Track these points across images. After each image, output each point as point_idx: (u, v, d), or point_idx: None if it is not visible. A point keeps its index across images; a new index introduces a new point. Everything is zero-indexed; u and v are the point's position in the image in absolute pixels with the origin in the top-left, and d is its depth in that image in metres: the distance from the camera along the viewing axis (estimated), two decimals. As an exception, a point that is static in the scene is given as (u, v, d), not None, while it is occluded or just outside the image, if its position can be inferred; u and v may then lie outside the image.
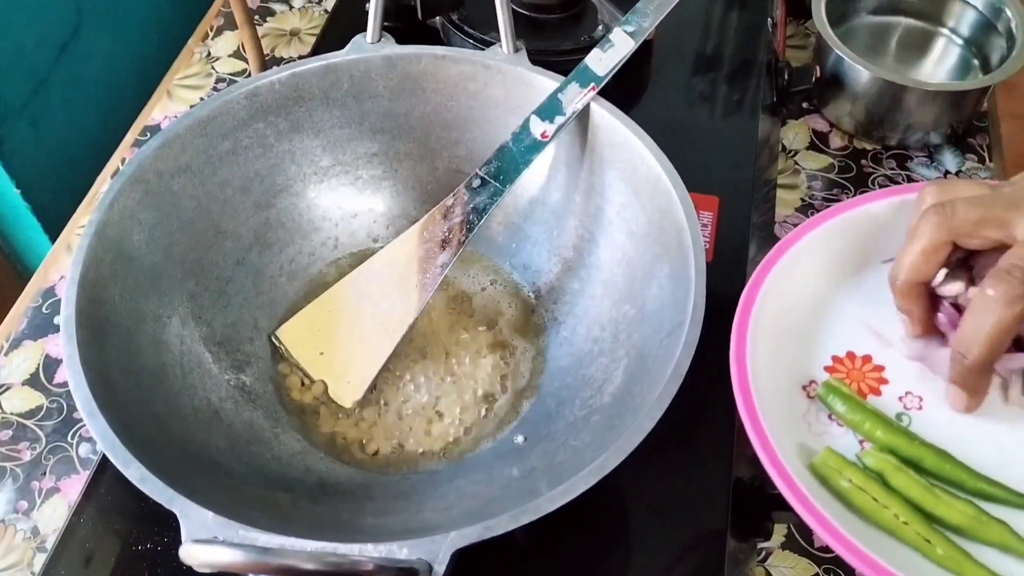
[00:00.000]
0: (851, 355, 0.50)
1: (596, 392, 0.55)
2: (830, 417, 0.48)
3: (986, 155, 0.76)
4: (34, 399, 0.64)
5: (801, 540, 0.57)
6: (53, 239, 0.82)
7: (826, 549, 0.56)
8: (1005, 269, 0.42)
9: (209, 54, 0.86)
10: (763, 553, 0.57)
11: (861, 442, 0.47)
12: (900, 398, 0.48)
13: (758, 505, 0.57)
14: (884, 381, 0.49)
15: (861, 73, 0.73)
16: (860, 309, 0.52)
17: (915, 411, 0.48)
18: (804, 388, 0.49)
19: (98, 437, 0.45)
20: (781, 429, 0.46)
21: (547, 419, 0.56)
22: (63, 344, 0.48)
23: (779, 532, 0.57)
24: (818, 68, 0.78)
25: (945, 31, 0.80)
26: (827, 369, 0.50)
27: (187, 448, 0.51)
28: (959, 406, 0.47)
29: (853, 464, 0.45)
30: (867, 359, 0.50)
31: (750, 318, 0.49)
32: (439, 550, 0.41)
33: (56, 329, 0.67)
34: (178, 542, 0.42)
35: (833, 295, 0.53)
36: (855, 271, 0.54)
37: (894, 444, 0.46)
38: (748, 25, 0.85)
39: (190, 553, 0.41)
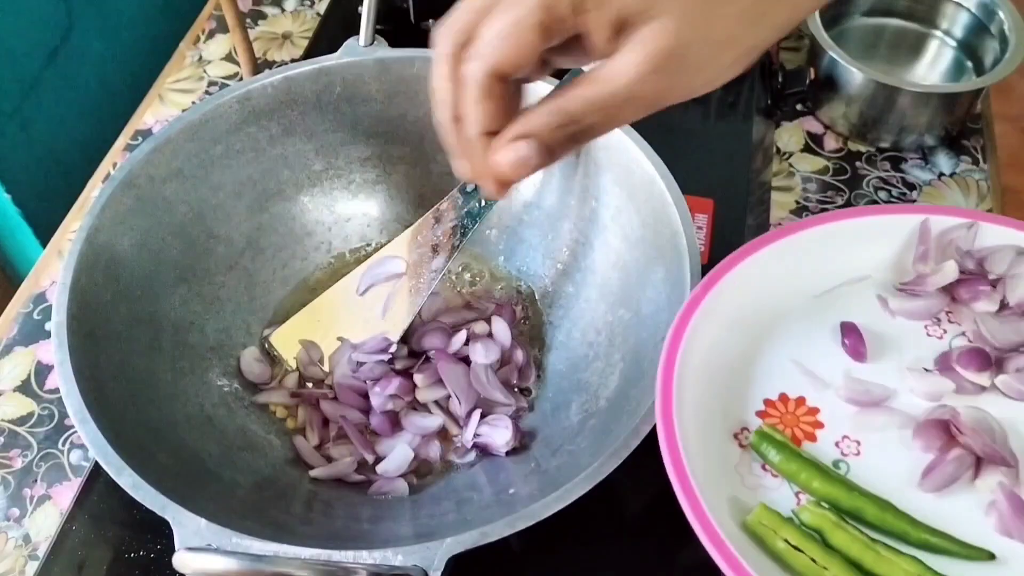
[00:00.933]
0: (784, 398, 0.47)
1: (592, 397, 0.55)
2: (764, 467, 0.45)
3: (980, 157, 0.76)
4: (25, 406, 0.63)
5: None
6: (44, 244, 0.82)
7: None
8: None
9: (201, 58, 0.86)
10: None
11: (797, 494, 0.44)
12: (837, 443, 0.45)
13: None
14: (819, 425, 0.46)
15: (855, 75, 0.73)
16: (791, 347, 0.49)
17: (853, 457, 0.45)
18: (736, 436, 0.46)
19: (90, 444, 0.45)
20: (712, 483, 0.42)
21: (543, 423, 0.56)
22: (54, 350, 0.48)
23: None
24: (812, 70, 0.78)
25: (939, 33, 0.80)
26: (759, 414, 0.46)
27: (180, 455, 0.50)
28: (463, 174, 0.41)
29: (789, 521, 0.42)
30: (800, 401, 0.47)
31: (676, 361, 0.45)
32: (434, 557, 0.41)
33: (47, 335, 0.66)
34: (171, 549, 0.42)
35: (763, 333, 0.49)
36: (784, 306, 0.50)
37: (832, 495, 0.43)
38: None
39: (183, 561, 0.40)
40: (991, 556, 0.42)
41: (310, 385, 0.59)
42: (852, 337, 0.49)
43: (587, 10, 0.35)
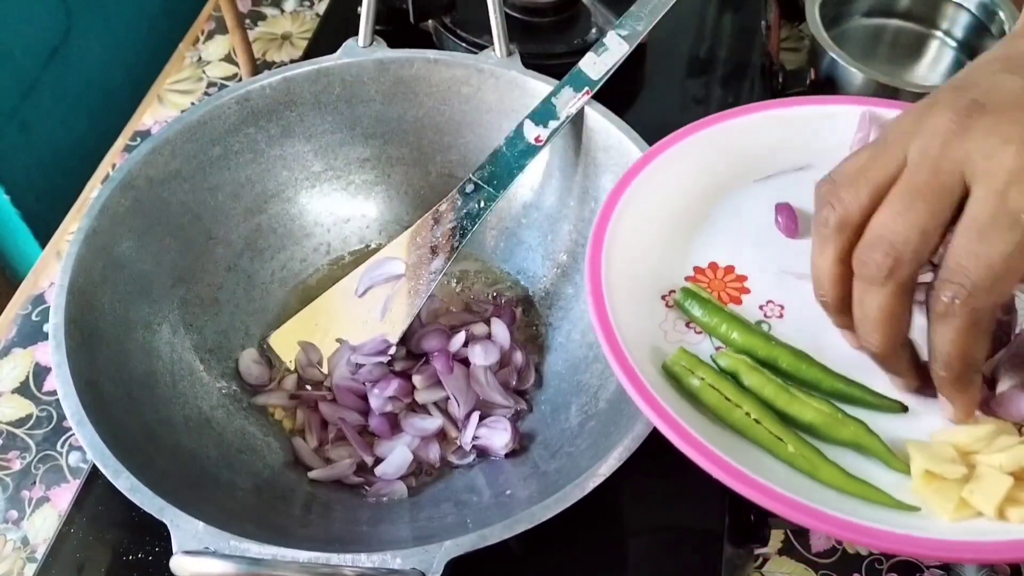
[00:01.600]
0: (713, 265, 0.48)
1: (591, 398, 0.54)
2: (688, 324, 0.46)
3: (981, 157, 0.76)
4: (24, 407, 0.63)
5: (798, 546, 0.57)
6: (43, 245, 0.82)
7: (824, 554, 0.56)
8: (865, 244, 0.36)
9: (200, 58, 0.86)
10: (760, 559, 0.56)
11: (717, 348, 0.45)
12: (761, 307, 0.47)
13: (755, 511, 0.56)
14: (745, 291, 0.47)
15: (855, 76, 0.72)
16: (727, 223, 0.50)
17: (775, 319, 0.46)
18: (664, 298, 0.47)
19: (87, 447, 0.44)
20: (634, 334, 0.43)
21: (543, 425, 0.56)
22: (52, 353, 0.48)
23: (776, 538, 0.57)
24: (812, 71, 0.78)
25: (939, 33, 0.80)
26: (688, 279, 0.48)
27: (178, 457, 0.50)
28: (948, 415, 0.41)
29: (706, 364, 0.43)
30: (729, 269, 0.48)
31: (609, 223, 0.47)
32: (433, 560, 0.41)
33: (46, 336, 0.66)
34: (170, 552, 0.42)
35: (700, 209, 0.50)
36: (724, 186, 0.51)
37: (751, 345, 0.44)
38: (742, 27, 0.85)
39: (180, 565, 0.40)
40: (903, 408, 0.42)
41: (309, 387, 0.59)
42: (785, 215, 0.49)
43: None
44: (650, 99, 0.79)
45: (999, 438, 0.39)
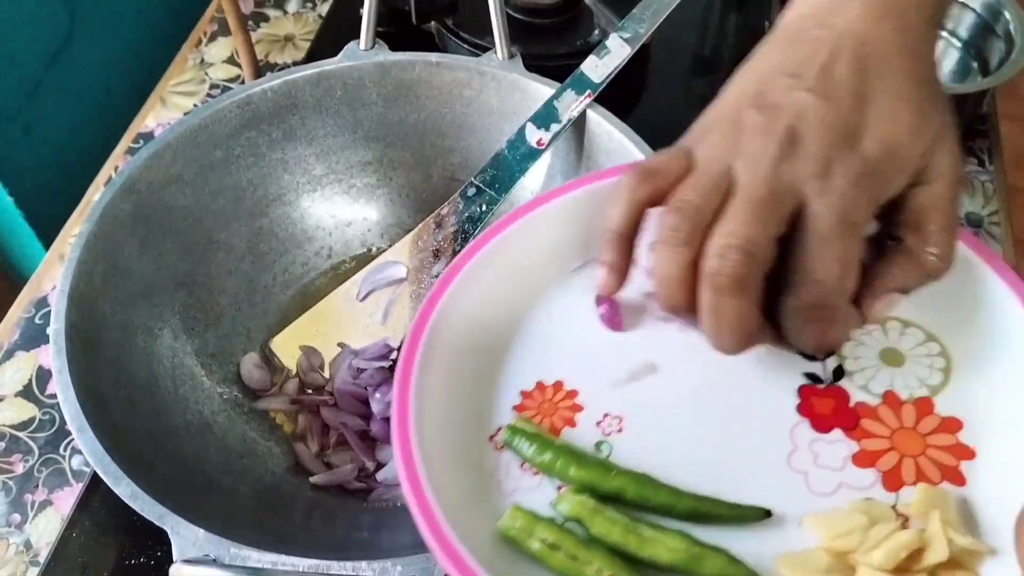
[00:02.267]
0: (540, 386, 0.42)
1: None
2: (523, 466, 0.40)
3: (986, 158, 0.75)
4: (27, 410, 0.63)
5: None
6: (47, 246, 0.82)
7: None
8: (715, 255, 0.36)
9: (203, 60, 0.85)
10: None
11: (559, 487, 0.39)
12: (598, 423, 0.41)
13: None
14: (579, 408, 0.41)
15: (859, 76, 0.72)
16: (548, 328, 0.44)
17: (615, 435, 0.40)
18: (492, 439, 0.41)
19: (88, 453, 0.45)
20: (464, 496, 0.38)
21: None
22: (53, 358, 0.48)
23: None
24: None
25: (944, 34, 0.79)
26: (516, 408, 0.42)
27: (179, 462, 0.50)
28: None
29: (544, 519, 0.38)
30: (558, 386, 0.42)
31: (414, 367, 0.40)
32: (434, 568, 0.41)
33: (49, 340, 0.66)
34: (172, 556, 0.42)
35: (517, 318, 0.44)
36: (540, 284, 0.45)
37: (590, 480, 0.38)
38: (746, 27, 0.84)
39: (180, 574, 0.40)
40: (766, 513, 0.38)
41: (310, 391, 0.59)
42: (607, 307, 0.44)
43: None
44: (654, 98, 0.79)
45: (873, 529, 0.36)
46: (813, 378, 0.41)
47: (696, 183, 0.38)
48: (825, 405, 0.41)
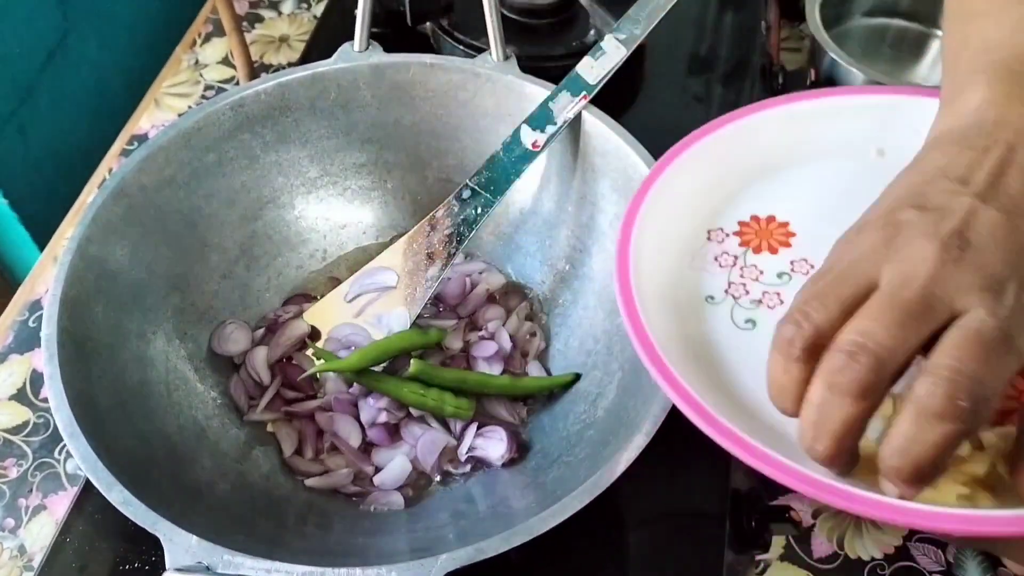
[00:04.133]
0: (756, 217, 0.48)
1: (590, 406, 0.54)
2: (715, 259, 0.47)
3: (983, 158, 0.75)
4: (21, 414, 0.63)
5: (800, 551, 0.56)
6: (42, 248, 0.81)
7: (825, 560, 0.56)
8: (842, 351, 0.32)
9: (197, 61, 0.85)
10: (761, 565, 0.56)
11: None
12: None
13: (756, 517, 0.56)
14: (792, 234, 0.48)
15: (856, 76, 0.72)
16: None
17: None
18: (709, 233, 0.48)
19: (80, 460, 0.44)
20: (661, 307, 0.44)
21: (541, 434, 0.56)
22: (44, 364, 0.47)
23: (777, 544, 0.57)
24: (813, 71, 0.77)
25: (940, 33, 0.79)
26: (736, 231, 0.48)
27: (172, 468, 0.50)
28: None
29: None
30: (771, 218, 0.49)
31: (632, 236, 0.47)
32: (429, 574, 0.41)
33: (42, 343, 0.66)
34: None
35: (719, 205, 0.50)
36: (743, 181, 0.51)
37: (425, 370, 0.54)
38: (742, 27, 0.84)
39: (173, 582, 0.40)
40: (576, 377, 0.53)
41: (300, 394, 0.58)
42: None
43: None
44: (649, 98, 0.79)
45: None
46: None
47: (831, 287, 0.34)
48: None
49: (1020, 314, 0.32)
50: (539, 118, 0.57)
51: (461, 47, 0.74)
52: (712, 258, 0.46)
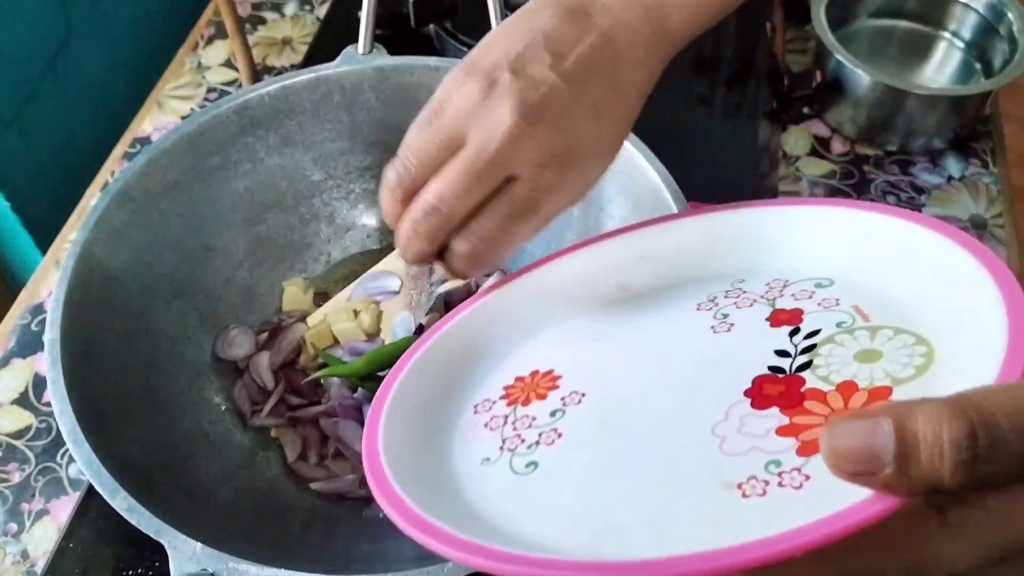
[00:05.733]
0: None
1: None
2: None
3: (989, 159, 0.75)
4: (23, 419, 0.63)
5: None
6: (44, 251, 0.81)
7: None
8: (422, 208, 0.41)
9: (200, 64, 0.85)
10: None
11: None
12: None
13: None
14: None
15: (862, 78, 0.72)
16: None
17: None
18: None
19: (84, 466, 0.44)
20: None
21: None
22: (47, 368, 0.47)
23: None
24: (818, 73, 0.77)
25: (947, 35, 0.79)
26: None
27: (177, 473, 0.50)
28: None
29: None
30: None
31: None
32: (437, 582, 0.40)
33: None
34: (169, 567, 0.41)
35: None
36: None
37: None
38: (747, 29, 0.84)
39: (177, 589, 0.40)
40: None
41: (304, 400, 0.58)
42: None
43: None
44: (655, 100, 0.78)
45: None
46: (776, 369, 0.40)
47: (430, 142, 0.41)
48: (774, 389, 0.39)
49: (554, 192, 0.41)
50: (544, 121, 0.57)
51: (465, 49, 0.73)
52: (482, 425, 0.42)
